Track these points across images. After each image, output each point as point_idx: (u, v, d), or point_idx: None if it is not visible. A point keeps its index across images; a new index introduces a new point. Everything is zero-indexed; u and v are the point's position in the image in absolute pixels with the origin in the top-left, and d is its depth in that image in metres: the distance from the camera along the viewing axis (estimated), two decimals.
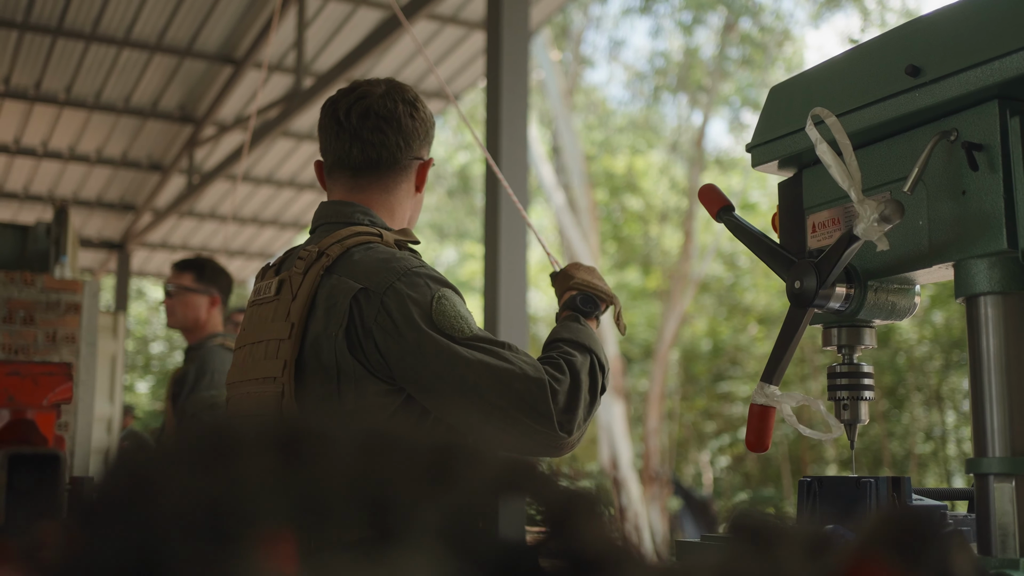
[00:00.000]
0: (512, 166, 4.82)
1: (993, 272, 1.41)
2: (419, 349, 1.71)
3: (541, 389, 1.72)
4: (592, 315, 2.01)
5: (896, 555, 0.42)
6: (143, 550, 0.26)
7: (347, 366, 1.72)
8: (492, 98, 4.89)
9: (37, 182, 12.08)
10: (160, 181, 11.75)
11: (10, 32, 8.42)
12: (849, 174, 1.47)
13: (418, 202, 2.06)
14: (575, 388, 1.77)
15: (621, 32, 27.08)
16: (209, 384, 4.04)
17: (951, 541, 0.43)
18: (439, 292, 1.77)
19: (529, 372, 1.73)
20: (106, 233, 14.11)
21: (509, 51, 4.86)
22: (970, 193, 1.42)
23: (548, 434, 1.73)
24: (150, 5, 8.15)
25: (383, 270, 1.76)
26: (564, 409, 1.74)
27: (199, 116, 10.25)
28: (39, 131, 10.57)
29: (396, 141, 1.94)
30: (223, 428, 0.28)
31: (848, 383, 1.66)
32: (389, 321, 1.72)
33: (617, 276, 19.23)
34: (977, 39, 1.40)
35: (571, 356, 1.83)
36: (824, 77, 1.68)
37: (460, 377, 1.71)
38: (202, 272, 4.31)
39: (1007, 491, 1.36)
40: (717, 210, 1.76)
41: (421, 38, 8.71)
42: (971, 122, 1.43)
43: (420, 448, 0.31)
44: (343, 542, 0.31)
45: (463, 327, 1.75)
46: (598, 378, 1.84)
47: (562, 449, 1.76)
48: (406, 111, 1.96)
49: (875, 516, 0.46)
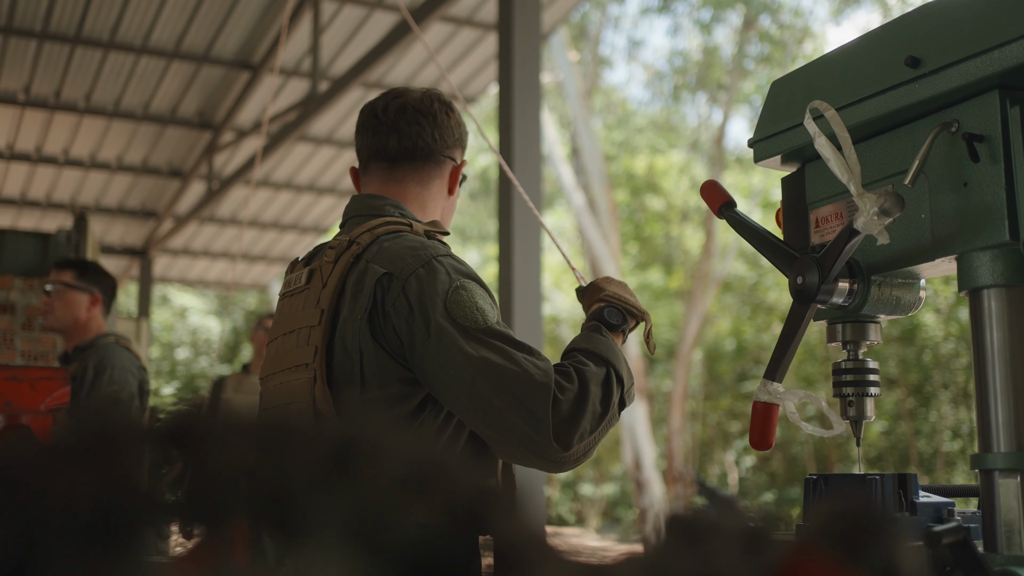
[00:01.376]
0: (525, 169, 4.81)
1: (996, 265, 1.38)
2: (428, 336, 1.68)
3: (542, 394, 1.64)
4: (618, 329, 1.89)
5: (838, 551, 0.41)
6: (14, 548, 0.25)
7: (369, 350, 1.72)
8: (504, 100, 4.88)
9: (59, 190, 12.18)
10: (180, 187, 11.81)
11: (30, 41, 8.49)
12: (848, 168, 1.46)
13: (450, 205, 2.08)
14: (582, 399, 1.68)
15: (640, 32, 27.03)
16: (110, 380, 3.93)
17: (895, 535, 0.41)
18: (459, 281, 1.74)
19: (535, 375, 1.66)
20: (128, 240, 14.21)
21: (521, 53, 4.85)
22: (972, 185, 1.40)
23: (543, 443, 1.63)
24: (167, 12, 8.20)
25: (409, 256, 1.75)
26: (567, 419, 1.65)
27: (217, 122, 10.30)
28: (60, 139, 10.65)
29: (432, 133, 1.99)
30: (107, 423, 0.28)
31: (853, 379, 1.64)
32: (406, 305, 1.71)
33: (639, 276, 19.19)
34: (976, 29, 1.38)
35: (584, 365, 1.74)
36: (825, 70, 1.66)
37: (460, 370, 1.66)
38: (84, 271, 4.22)
39: (1012, 487, 1.34)
40: (719, 206, 1.75)
41: (437, 40, 8.72)
42: (972, 113, 1.41)
43: (319, 442, 0.30)
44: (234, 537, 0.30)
45: (478, 318, 1.70)
46: (612, 392, 1.73)
47: (559, 462, 1.67)
48: (442, 109, 2.02)
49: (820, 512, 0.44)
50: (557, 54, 15.62)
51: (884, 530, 0.41)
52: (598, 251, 14.69)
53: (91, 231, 6.52)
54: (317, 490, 0.29)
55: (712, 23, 17.66)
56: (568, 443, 1.64)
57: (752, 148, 1.77)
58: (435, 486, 0.32)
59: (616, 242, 15.52)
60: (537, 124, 4.84)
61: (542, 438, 1.63)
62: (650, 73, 20.57)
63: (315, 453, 0.29)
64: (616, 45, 24.74)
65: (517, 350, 1.70)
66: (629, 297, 1.96)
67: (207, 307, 22.20)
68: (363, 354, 1.73)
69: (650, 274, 19.22)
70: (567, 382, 1.68)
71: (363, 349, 1.73)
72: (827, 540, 0.41)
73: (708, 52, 18.09)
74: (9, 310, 5.05)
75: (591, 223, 15.03)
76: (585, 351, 1.78)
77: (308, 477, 0.29)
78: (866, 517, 0.42)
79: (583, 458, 1.69)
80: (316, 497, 0.29)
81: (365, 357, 1.73)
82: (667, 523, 0.40)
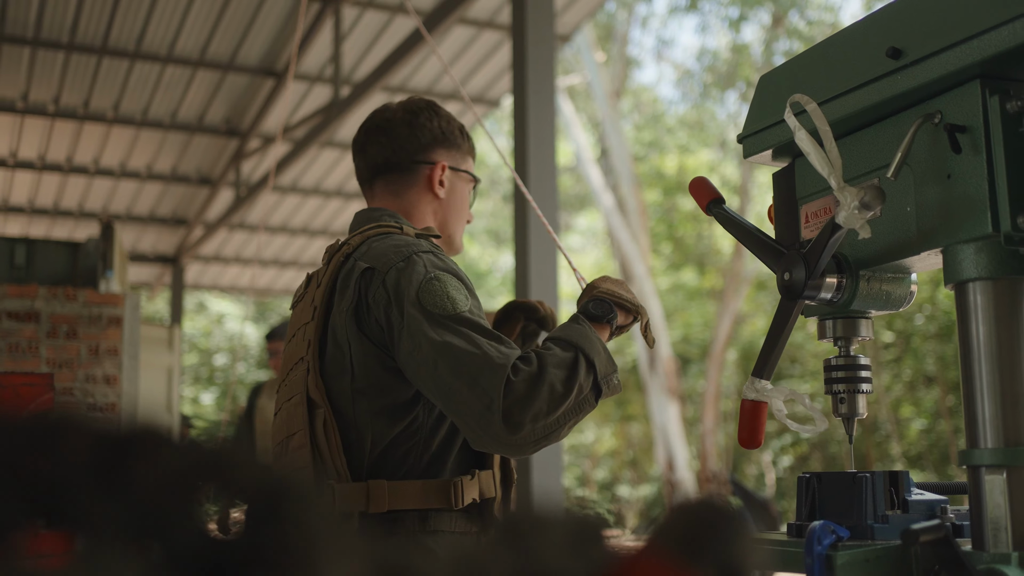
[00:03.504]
0: (540, 175, 4.79)
1: (980, 257, 1.36)
2: (402, 325, 1.75)
3: (496, 374, 1.66)
4: (603, 320, 1.89)
5: (677, 549, 0.40)
6: None
7: (356, 342, 1.81)
8: (519, 106, 4.88)
9: (91, 199, 12.31)
10: (209, 195, 11.91)
11: (57, 53, 8.59)
12: (829, 162, 1.44)
13: (447, 207, 2.13)
14: (537, 379, 1.67)
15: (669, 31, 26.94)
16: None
17: (734, 532, 0.40)
18: (434, 273, 1.80)
19: (493, 357, 1.68)
20: (160, 248, 14.34)
21: (535, 58, 4.84)
22: (955, 177, 1.38)
23: (494, 424, 1.65)
24: (191, 21, 8.27)
25: (391, 253, 1.83)
26: (519, 399, 1.65)
27: (244, 129, 10.37)
28: (90, 149, 10.77)
29: (391, 146, 2.09)
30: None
31: (845, 376, 1.62)
32: (385, 296, 1.78)
33: (672, 277, 19.12)
34: (957, 18, 1.36)
35: (548, 350, 1.75)
36: (811, 64, 1.64)
37: (425, 354, 1.71)
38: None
39: (998, 483, 1.31)
40: (707, 203, 1.73)
41: (458, 44, 8.73)
42: (954, 104, 1.39)
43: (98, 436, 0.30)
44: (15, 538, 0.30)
45: (447, 306, 1.75)
46: (577, 375, 1.72)
47: (512, 445, 1.67)
48: (404, 119, 2.11)
49: (666, 509, 0.43)
50: (584, 55, 15.60)
51: (725, 526, 0.40)
52: (628, 251, 14.64)
53: (118, 239, 6.59)
54: (92, 485, 0.29)
55: (740, 21, 17.56)
56: (518, 424, 1.64)
57: (741, 144, 1.75)
58: (223, 479, 0.31)
59: (646, 242, 15.45)
60: (552, 129, 4.82)
61: (493, 417, 1.64)
62: (680, 72, 20.49)
63: (89, 448, 0.29)
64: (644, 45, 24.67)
65: (483, 336, 1.73)
66: (623, 293, 1.96)
67: (243, 313, 22.37)
68: (351, 345, 1.82)
69: (683, 274, 19.14)
70: (525, 364, 1.70)
71: (351, 341, 1.82)
72: (666, 537, 0.40)
73: (737, 50, 17.99)
74: (34, 318, 5.11)
75: (620, 224, 14.99)
76: (555, 339, 1.80)
77: (82, 472, 0.29)
78: (706, 513, 0.41)
79: (544, 441, 1.69)
80: (91, 492, 0.28)
81: (353, 348, 1.82)
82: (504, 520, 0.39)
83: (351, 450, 1.84)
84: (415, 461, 1.83)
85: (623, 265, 14.77)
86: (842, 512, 1.51)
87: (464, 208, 2.16)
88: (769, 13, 17.27)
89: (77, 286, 5.82)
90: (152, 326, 9.71)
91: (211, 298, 23.14)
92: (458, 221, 2.15)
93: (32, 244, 6.20)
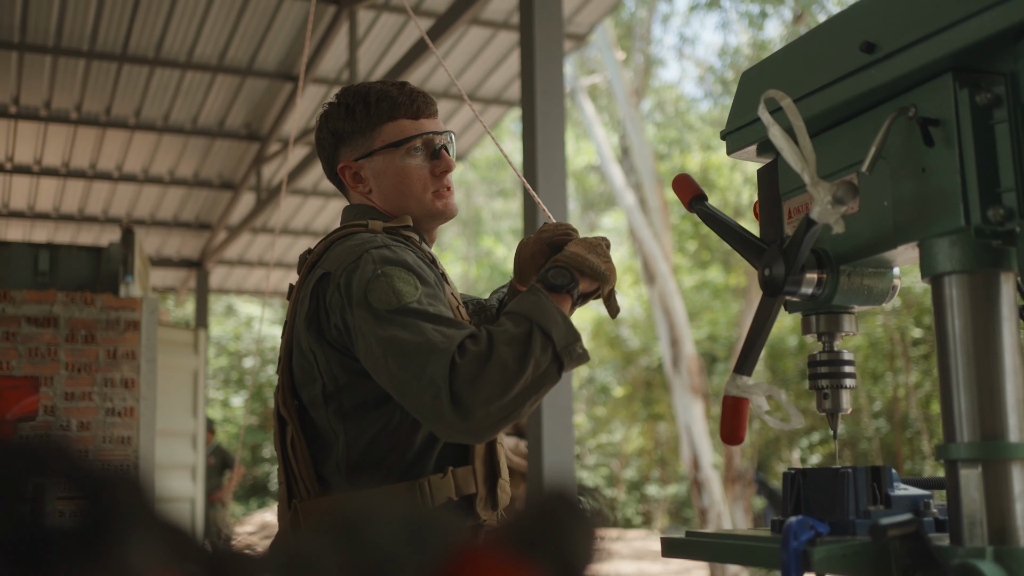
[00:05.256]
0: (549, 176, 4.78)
1: (954, 251, 1.35)
2: (356, 326, 1.72)
3: (440, 359, 1.60)
4: (562, 290, 1.76)
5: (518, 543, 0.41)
6: None
7: (319, 350, 1.81)
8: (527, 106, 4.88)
9: (115, 205, 12.42)
10: (232, 199, 11.98)
11: (78, 61, 8.67)
12: (803, 157, 1.44)
13: (381, 193, 2.00)
14: (485, 359, 1.59)
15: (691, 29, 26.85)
16: None
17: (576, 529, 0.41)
18: (381, 270, 1.74)
19: (436, 342, 1.62)
20: (185, 252, 14.45)
21: (543, 59, 4.84)
22: (929, 170, 1.37)
23: (444, 410, 1.57)
24: (208, 28, 8.32)
25: (345, 255, 1.81)
26: (467, 381, 1.57)
27: (264, 133, 10.43)
28: (113, 155, 10.87)
29: (323, 158, 2.10)
30: None
31: (828, 371, 1.61)
32: (339, 299, 1.76)
33: (698, 275, 19.06)
34: (928, 10, 1.36)
35: (499, 327, 1.66)
36: (791, 59, 1.64)
37: (376, 353, 1.68)
38: None
39: (973, 477, 1.31)
40: (689, 199, 1.74)
41: (474, 45, 8.75)
42: (927, 97, 1.38)
43: None
44: None
45: (391, 300, 1.69)
46: (531, 349, 1.62)
47: (467, 431, 1.60)
48: (316, 137, 2.09)
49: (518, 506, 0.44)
50: (605, 54, 15.57)
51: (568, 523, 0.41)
52: (650, 250, 14.59)
53: (139, 244, 6.66)
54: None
55: (761, 17, 17.47)
56: (469, 407, 1.57)
57: (724, 140, 1.75)
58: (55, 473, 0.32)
59: (668, 240, 15.40)
60: (561, 130, 4.82)
61: (442, 404, 1.58)
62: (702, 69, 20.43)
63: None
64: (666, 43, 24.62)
65: (429, 322, 1.67)
66: (588, 258, 1.83)
67: (272, 316, 22.50)
68: (315, 354, 1.81)
69: (709, 272, 19.07)
70: (473, 345, 1.62)
71: (314, 349, 1.81)
72: (510, 532, 0.41)
73: (759, 46, 17.90)
74: (53, 323, 5.17)
75: (642, 222, 14.94)
76: (508, 313, 1.71)
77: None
78: (550, 510, 0.41)
79: (502, 423, 1.61)
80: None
81: (317, 356, 1.81)
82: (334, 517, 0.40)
83: (328, 456, 1.82)
84: (396, 460, 1.80)
85: (645, 263, 14.72)
86: (826, 508, 1.51)
87: (409, 177, 1.98)
88: (791, 9, 17.17)
89: (99, 291, 5.88)
90: (177, 329, 9.79)
91: (239, 301, 23.28)
92: (408, 194, 1.98)
93: (56, 250, 6.27)
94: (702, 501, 14.17)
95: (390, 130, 1.98)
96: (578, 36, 8.71)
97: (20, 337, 5.12)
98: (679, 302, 14.75)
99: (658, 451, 21.03)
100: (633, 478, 21.48)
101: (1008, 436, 1.31)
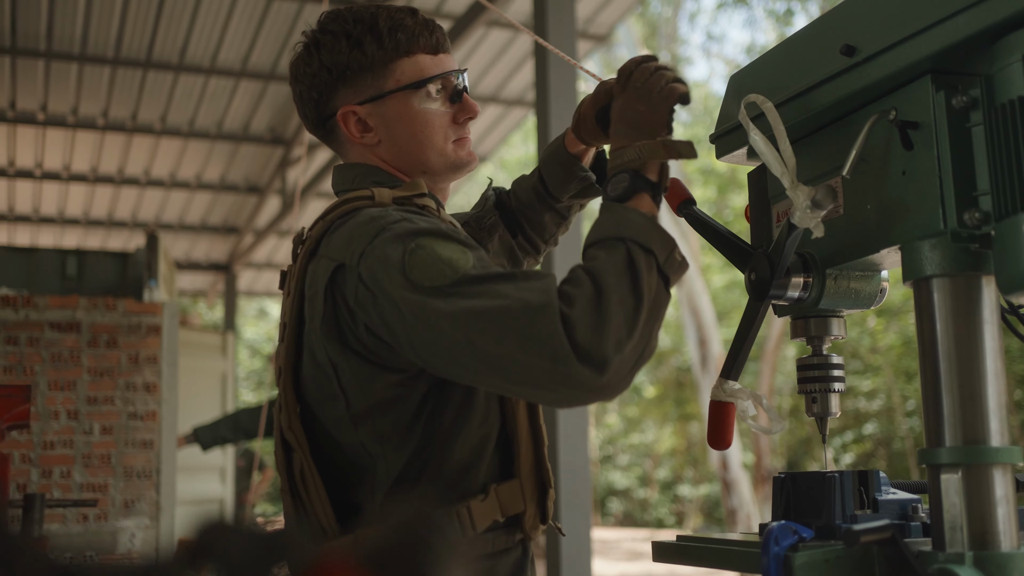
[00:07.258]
0: None
1: (934, 254, 1.35)
2: (403, 317, 1.39)
3: (545, 316, 1.30)
4: (631, 194, 1.47)
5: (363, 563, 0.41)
6: None
7: (342, 362, 1.49)
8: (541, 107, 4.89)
9: (144, 210, 12.54)
10: (258, 203, 12.07)
11: (103, 68, 8.76)
12: (783, 161, 1.43)
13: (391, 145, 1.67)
14: (599, 300, 1.32)
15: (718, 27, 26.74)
16: None
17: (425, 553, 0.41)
18: (413, 243, 1.42)
19: (531, 300, 1.32)
20: (213, 255, 14.57)
21: (556, 59, 4.84)
22: (908, 174, 1.37)
23: (571, 373, 1.28)
24: (231, 33, 8.39)
25: (357, 237, 1.47)
26: (590, 331, 1.30)
27: (288, 137, 10.49)
28: (140, 161, 10.97)
29: (300, 112, 1.73)
30: None
31: (818, 375, 1.61)
32: (368, 294, 1.43)
33: (728, 275, 18.96)
34: (907, 13, 1.35)
35: (592, 261, 1.39)
36: (776, 63, 1.64)
37: (452, 337, 1.35)
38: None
39: (953, 482, 1.30)
40: (677, 204, 1.73)
41: (495, 47, 8.76)
42: (907, 100, 1.38)
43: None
44: None
45: (445, 272, 1.38)
46: (640, 272, 1.36)
47: (603, 388, 1.31)
48: (293, 74, 1.71)
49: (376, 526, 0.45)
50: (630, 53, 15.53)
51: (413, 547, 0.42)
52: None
53: (163, 249, 6.72)
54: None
55: (787, 15, 17.38)
56: (603, 360, 1.29)
57: (713, 144, 1.75)
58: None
59: (695, 240, 15.33)
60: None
61: (566, 367, 1.28)
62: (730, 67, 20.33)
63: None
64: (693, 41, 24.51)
65: (499, 283, 1.37)
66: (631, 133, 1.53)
67: None
68: (335, 367, 1.50)
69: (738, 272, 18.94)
70: (575, 288, 1.34)
71: (334, 362, 1.49)
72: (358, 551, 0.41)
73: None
74: (75, 328, 5.23)
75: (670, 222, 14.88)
76: (592, 242, 1.43)
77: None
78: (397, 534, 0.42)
79: (638, 366, 1.36)
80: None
81: (339, 370, 1.49)
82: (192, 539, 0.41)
83: (361, 480, 1.54)
84: (433, 474, 1.53)
85: None
86: (813, 512, 1.51)
87: (430, 124, 1.66)
88: (817, 5, 17.06)
89: (125, 295, 5.95)
90: (205, 332, 9.87)
91: (271, 304, 23.44)
92: (428, 144, 1.67)
93: (83, 255, 6.35)
94: (731, 501, 14.11)
95: (407, 67, 1.64)
96: (599, 36, 8.70)
97: (43, 342, 5.19)
98: (707, 302, 14.70)
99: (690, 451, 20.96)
100: (666, 478, 21.42)
101: (989, 440, 1.30)
